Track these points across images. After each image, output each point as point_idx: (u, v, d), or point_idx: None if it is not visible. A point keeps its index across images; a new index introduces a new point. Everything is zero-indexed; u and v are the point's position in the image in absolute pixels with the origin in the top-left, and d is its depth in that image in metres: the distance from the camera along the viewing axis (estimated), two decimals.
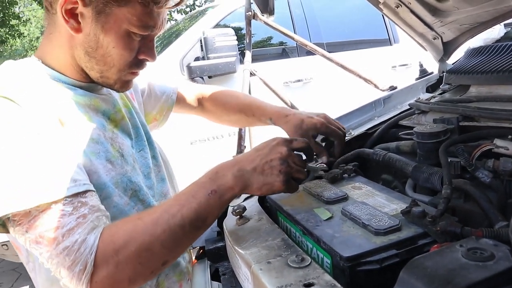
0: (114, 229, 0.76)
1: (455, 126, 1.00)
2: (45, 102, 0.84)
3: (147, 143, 1.09)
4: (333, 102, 3.39)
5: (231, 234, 0.92)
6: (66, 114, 0.87)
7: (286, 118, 1.17)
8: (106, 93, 1.02)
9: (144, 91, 1.26)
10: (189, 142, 2.94)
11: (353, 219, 0.80)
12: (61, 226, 0.72)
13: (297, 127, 1.11)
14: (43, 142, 0.78)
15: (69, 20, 0.86)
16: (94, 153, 0.89)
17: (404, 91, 1.50)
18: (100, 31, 0.87)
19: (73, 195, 0.75)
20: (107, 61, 0.91)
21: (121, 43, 0.88)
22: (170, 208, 0.77)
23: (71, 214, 0.73)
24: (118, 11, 0.85)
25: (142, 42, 0.92)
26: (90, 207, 0.76)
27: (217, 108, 1.37)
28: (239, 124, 1.45)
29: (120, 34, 0.88)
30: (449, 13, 1.20)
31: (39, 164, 0.75)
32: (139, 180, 0.98)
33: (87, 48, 0.90)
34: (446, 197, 0.77)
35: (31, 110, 0.80)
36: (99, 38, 0.88)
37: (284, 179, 0.81)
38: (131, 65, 0.93)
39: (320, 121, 1.11)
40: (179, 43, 3.15)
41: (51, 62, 0.93)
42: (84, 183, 0.78)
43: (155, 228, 0.75)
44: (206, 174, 0.84)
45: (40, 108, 0.82)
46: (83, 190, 0.77)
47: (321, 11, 3.83)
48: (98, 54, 0.90)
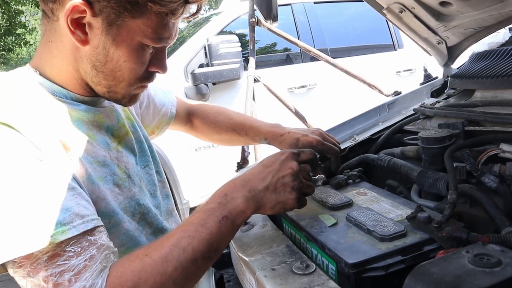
0: (121, 269, 0.68)
1: (460, 131, 0.99)
2: (46, 125, 0.76)
3: (151, 158, 1.03)
4: (337, 108, 3.40)
5: (235, 241, 0.92)
6: (70, 136, 0.80)
7: (281, 137, 1.13)
8: (109, 105, 0.95)
9: (143, 103, 1.18)
10: (193, 148, 2.95)
11: (358, 225, 0.79)
12: (68, 270, 0.65)
13: (292, 146, 1.09)
14: (47, 175, 0.70)
15: (75, 31, 0.77)
16: (101, 178, 0.82)
17: (409, 96, 1.49)
18: (110, 43, 0.79)
19: (81, 234, 0.68)
20: (116, 76, 0.83)
21: (133, 56, 0.81)
22: (180, 242, 0.69)
23: (79, 256, 0.66)
24: (131, 22, 0.77)
25: (153, 54, 0.85)
26: (98, 246, 0.69)
27: (208, 127, 1.30)
28: (231, 143, 1.35)
29: (132, 47, 0.80)
30: (453, 17, 1.19)
31: (43, 201, 0.67)
32: (146, 201, 0.92)
33: (95, 62, 0.81)
34: (452, 203, 0.76)
35: (32, 137, 0.71)
36: (109, 51, 0.80)
37: (297, 197, 0.79)
38: (141, 79, 0.86)
39: (315, 139, 1.08)
40: (183, 50, 3.16)
41: (50, 73, 0.84)
42: (93, 219, 0.71)
43: (165, 266, 0.68)
44: (214, 197, 0.77)
45: (42, 134, 0.74)
46: (91, 227, 0.69)
47: (325, 18, 3.84)
48: (107, 68, 0.82)
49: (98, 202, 0.79)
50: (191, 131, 1.35)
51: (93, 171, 0.80)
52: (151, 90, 1.21)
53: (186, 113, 1.31)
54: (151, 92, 1.21)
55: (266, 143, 1.18)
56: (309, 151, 0.88)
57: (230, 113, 1.30)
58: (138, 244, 0.83)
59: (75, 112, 0.84)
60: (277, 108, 2.61)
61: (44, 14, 0.81)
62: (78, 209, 0.69)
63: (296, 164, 0.81)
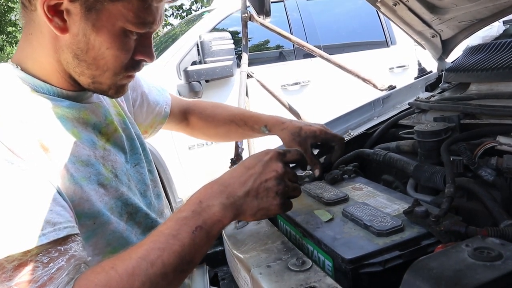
0: (84, 282, 0.63)
1: (456, 124, 0.98)
2: (23, 124, 0.72)
3: (143, 156, 0.99)
4: (331, 104, 3.38)
5: (229, 238, 0.90)
6: (50, 135, 0.75)
7: (283, 125, 1.08)
8: (97, 100, 0.91)
9: (136, 100, 1.14)
10: (187, 146, 2.93)
11: (354, 220, 0.78)
12: (33, 280, 0.61)
13: (295, 134, 1.04)
14: (17, 179, 0.65)
15: (52, 18, 0.73)
16: (85, 178, 0.78)
17: (403, 90, 1.49)
18: (90, 30, 0.75)
19: (51, 243, 0.63)
20: (100, 65, 0.79)
21: (116, 43, 0.76)
22: (148, 254, 0.64)
23: (46, 266, 0.62)
24: (111, 6, 0.73)
25: (138, 41, 0.80)
26: (69, 257, 0.65)
27: (205, 122, 1.25)
28: (228, 136, 1.29)
29: (114, 33, 0.75)
30: (448, 10, 1.18)
31: (12, 206, 0.63)
32: (136, 201, 0.88)
33: (76, 51, 0.77)
34: (449, 196, 0.75)
35: (4, 138, 0.67)
36: (89, 39, 0.76)
37: (281, 202, 0.73)
38: (127, 68, 0.81)
39: (319, 128, 1.06)
40: (175, 48, 3.14)
41: (32, 68, 0.80)
42: (66, 226, 0.66)
43: (131, 280, 0.62)
44: (188, 203, 0.71)
45: (16, 134, 0.70)
46: (63, 235, 0.65)
47: (317, 14, 3.83)
48: (89, 57, 0.78)
49: (82, 203, 0.75)
50: (186, 128, 1.31)
51: (75, 171, 0.76)
52: (145, 88, 1.17)
53: (181, 111, 1.27)
54: (145, 90, 1.17)
55: (266, 131, 1.13)
56: (296, 150, 0.80)
57: (228, 106, 1.28)
58: (127, 244, 0.80)
59: (59, 109, 0.80)
60: (271, 104, 2.59)
61: (22, 5, 0.78)
62: (51, 216, 0.65)
63: (281, 165, 0.74)
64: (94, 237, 0.77)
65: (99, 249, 0.78)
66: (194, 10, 9.14)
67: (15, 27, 10.75)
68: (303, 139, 1.04)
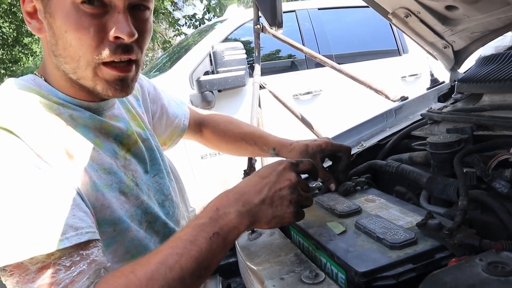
0: (104, 286, 0.64)
1: (469, 135, 0.97)
2: (50, 132, 0.75)
3: (162, 167, 1.01)
4: (343, 114, 3.39)
5: (243, 250, 0.91)
6: (74, 144, 0.78)
7: (290, 146, 1.10)
8: (117, 114, 0.93)
9: (156, 113, 1.17)
10: (199, 156, 2.94)
11: (367, 233, 0.78)
12: (55, 283, 0.62)
13: (303, 153, 1.06)
14: (44, 183, 0.68)
15: (30, 21, 0.77)
16: (107, 186, 0.80)
17: (416, 101, 1.48)
18: (50, 18, 0.74)
19: (73, 247, 0.65)
20: (71, 54, 0.75)
21: (70, 22, 0.72)
22: (167, 259, 0.65)
23: (68, 269, 0.64)
24: None
25: (106, 18, 0.74)
26: (90, 261, 0.66)
27: (217, 136, 1.28)
28: (238, 153, 1.31)
29: (66, 12, 0.72)
30: (459, 21, 1.19)
31: (38, 209, 0.65)
32: (155, 210, 0.91)
33: (51, 47, 0.77)
34: (462, 209, 0.75)
35: (33, 144, 0.70)
36: (53, 28, 0.74)
37: (295, 210, 0.75)
38: (99, 50, 0.74)
39: (324, 141, 1.07)
40: (188, 58, 3.17)
41: (51, 80, 0.83)
42: (87, 231, 0.68)
43: (150, 284, 0.63)
44: (206, 211, 0.72)
45: (44, 140, 0.72)
46: (85, 240, 0.67)
47: (329, 24, 3.84)
48: (59, 48, 0.76)
49: (103, 210, 0.77)
50: (200, 140, 1.34)
51: (98, 178, 0.79)
52: (165, 101, 1.20)
53: (196, 123, 1.30)
54: (165, 103, 1.20)
55: (274, 154, 1.15)
56: (308, 161, 0.83)
57: (240, 123, 1.29)
58: (147, 252, 0.81)
59: (81, 120, 0.83)
60: (283, 114, 2.60)
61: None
62: (73, 220, 0.67)
63: (294, 175, 0.77)
64: (114, 244, 0.80)
65: (118, 256, 0.80)
66: (207, 19, 9.22)
67: (31, 37, 10.95)
68: (312, 156, 1.05)
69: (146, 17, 0.81)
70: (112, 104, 0.92)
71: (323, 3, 3.98)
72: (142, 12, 0.80)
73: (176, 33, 9.83)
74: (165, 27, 10.75)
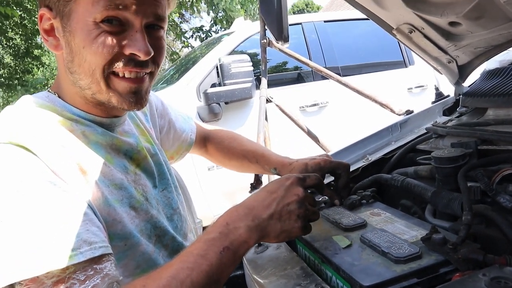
0: None
1: (473, 150, 0.98)
2: (64, 148, 0.77)
3: (170, 181, 1.03)
4: (349, 126, 3.40)
5: (249, 262, 0.92)
6: (87, 160, 0.80)
7: (290, 166, 1.13)
8: (128, 129, 0.96)
9: (164, 127, 1.20)
10: (206, 167, 2.96)
11: (372, 247, 0.79)
12: None
13: (302, 172, 1.08)
14: (59, 200, 0.70)
15: (48, 38, 0.81)
16: (118, 201, 0.83)
17: (421, 115, 1.50)
18: (69, 36, 0.77)
19: (87, 261, 0.67)
20: (85, 69, 0.78)
21: (89, 38, 0.76)
22: (178, 273, 0.66)
23: (82, 283, 0.65)
24: (76, 6, 0.76)
25: (124, 36, 0.78)
26: (103, 275, 0.67)
27: (221, 152, 1.31)
28: (242, 170, 1.33)
29: (86, 29, 0.75)
30: (463, 36, 1.20)
31: (53, 224, 0.67)
32: (164, 224, 0.93)
33: (67, 64, 0.80)
34: (466, 224, 0.76)
35: (48, 160, 0.72)
36: (71, 45, 0.78)
37: (302, 225, 0.76)
38: (112, 62, 0.78)
39: (323, 159, 1.09)
40: (196, 70, 3.21)
41: (65, 96, 0.86)
42: (101, 246, 0.70)
43: None
44: (215, 226, 0.73)
45: (58, 157, 0.75)
46: (98, 254, 0.68)
47: (335, 36, 3.87)
48: (75, 64, 0.79)
49: (115, 224, 0.79)
50: (205, 155, 1.37)
51: (109, 194, 0.81)
52: (172, 116, 1.23)
53: (202, 138, 1.33)
54: (172, 117, 1.23)
55: (275, 173, 1.18)
56: (315, 175, 0.85)
57: (243, 140, 1.32)
58: (155, 266, 0.84)
59: (93, 136, 0.85)
60: (290, 127, 2.62)
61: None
62: (87, 235, 0.69)
63: (302, 190, 0.79)
64: (125, 258, 0.81)
65: (129, 270, 0.82)
66: (214, 31, 9.31)
67: (41, 49, 11.12)
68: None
69: (160, 35, 0.85)
70: (124, 120, 0.95)
71: (329, 15, 4.02)
72: (157, 31, 0.84)
73: (183, 45, 9.94)
74: (173, 39, 10.86)
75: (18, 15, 8.48)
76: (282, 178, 0.82)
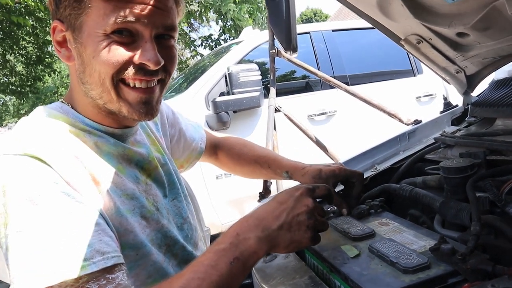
0: None
1: (482, 160, 0.98)
2: (78, 159, 0.79)
3: (180, 191, 1.04)
4: (357, 134, 3.40)
5: (258, 271, 0.92)
6: (100, 170, 0.82)
7: (303, 170, 1.12)
8: (139, 139, 0.97)
9: (174, 136, 1.21)
10: (214, 176, 2.97)
11: (381, 257, 0.79)
12: None
13: (316, 177, 1.08)
14: (72, 210, 0.71)
15: (60, 50, 0.83)
16: (129, 211, 0.84)
17: (429, 124, 1.50)
18: (81, 48, 0.79)
19: (100, 271, 0.68)
20: (96, 79, 0.80)
21: (99, 48, 0.77)
22: (189, 283, 0.67)
23: None
24: (86, 18, 0.77)
25: (134, 46, 0.79)
26: (116, 285, 0.68)
27: (232, 159, 1.32)
28: (252, 175, 1.34)
29: (97, 40, 0.77)
30: (471, 47, 1.21)
31: (67, 235, 0.68)
32: (174, 233, 0.93)
33: (79, 74, 0.82)
34: (475, 234, 0.76)
35: (62, 171, 0.74)
36: (82, 56, 0.79)
37: (311, 235, 0.77)
38: (120, 71, 0.79)
39: (337, 167, 1.09)
40: (204, 79, 3.24)
41: (78, 107, 0.87)
42: (113, 256, 0.71)
43: None
44: (226, 237, 0.74)
45: (72, 168, 0.76)
46: (111, 264, 0.70)
47: (343, 45, 3.88)
48: (86, 75, 0.81)
49: (127, 234, 0.80)
50: (216, 162, 1.37)
51: (121, 204, 0.82)
52: (183, 125, 1.24)
53: (212, 146, 1.34)
54: (183, 126, 1.24)
55: (287, 177, 1.17)
56: (324, 186, 0.86)
57: (254, 146, 1.32)
58: (166, 276, 0.85)
59: (106, 146, 0.86)
60: (298, 136, 2.62)
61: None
62: (100, 245, 0.70)
63: (311, 201, 0.79)
64: (137, 268, 0.82)
65: (140, 280, 0.83)
66: (223, 40, 9.38)
67: (51, 58, 11.28)
68: (325, 180, 1.06)
69: (171, 44, 0.86)
70: (136, 130, 0.96)
71: (337, 25, 4.04)
72: (167, 41, 0.85)
73: (192, 54, 10.02)
74: (181, 48, 10.95)
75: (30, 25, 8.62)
76: (292, 188, 0.83)
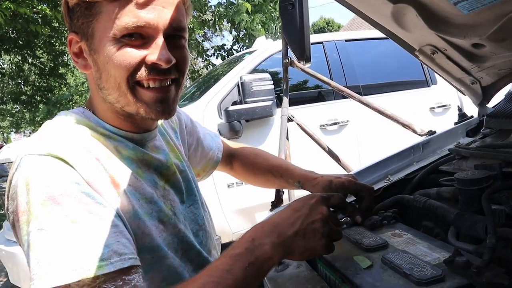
0: None
1: (497, 172, 0.97)
2: (99, 161, 0.80)
3: (198, 198, 1.06)
4: (370, 145, 3.38)
5: (270, 281, 0.92)
6: (120, 172, 0.83)
7: (314, 181, 1.14)
8: (158, 145, 0.98)
9: (192, 145, 1.23)
10: (226, 184, 2.98)
11: (394, 268, 0.79)
12: None
13: (326, 188, 1.09)
14: (92, 210, 0.72)
15: (78, 60, 0.86)
16: (147, 214, 0.85)
17: (443, 135, 1.48)
18: (95, 55, 0.81)
19: (117, 271, 0.69)
20: (111, 84, 0.82)
21: (111, 53, 0.79)
22: (204, 287, 0.68)
23: None
24: (97, 24, 0.79)
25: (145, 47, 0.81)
26: (132, 286, 0.69)
27: (246, 169, 1.34)
28: (266, 185, 1.36)
29: (108, 45, 0.79)
30: (487, 58, 1.20)
31: (86, 234, 0.69)
32: (191, 239, 0.94)
33: (96, 81, 0.84)
34: (491, 247, 0.75)
35: (83, 172, 0.75)
36: (98, 63, 0.82)
37: (326, 243, 0.78)
38: (134, 73, 0.80)
39: (347, 179, 1.09)
40: (217, 88, 3.27)
41: (98, 113, 0.89)
42: (130, 257, 0.72)
43: None
44: (241, 242, 0.75)
45: (93, 169, 0.78)
46: (127, 265, 0.70)
47: (356, 55, 3.89)
48: (103, 81, 0.83)
49: (144, 237, 0.81)
50: (230, 172, 1.39)
51: (140, 207, 0.84)
52: (201, 134, 1.27)
53: (228, 156, 1.36)
54: (201, 135, 1.26)
55: (299, 187, 1.19)
56: (339, 195, 0.87)
57: (267, 156, 1.34)
58: (181, 280, 0.85)
59: (125, 151, 0.88)
60: (311, 146, 2.62)
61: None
62: (118, 246, 0.71)
63: (326, 209, 0.80)
64: (152, 271, 0.83)
65: (155, 283, 0.83)
66: (236, 50, 9.43)
67: (66, 68, 11.45)
68: (334, 192, 1.07)
69: (182, 44, 0.87)
70: (154, 135, 0.98)
71: (350, 35, 4.05)
72: (178, 40, 0.86)
73: (205, 63, 10.09)
74: (194, 57, 11.04)
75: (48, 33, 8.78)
76: (307, 196, 0.83)
